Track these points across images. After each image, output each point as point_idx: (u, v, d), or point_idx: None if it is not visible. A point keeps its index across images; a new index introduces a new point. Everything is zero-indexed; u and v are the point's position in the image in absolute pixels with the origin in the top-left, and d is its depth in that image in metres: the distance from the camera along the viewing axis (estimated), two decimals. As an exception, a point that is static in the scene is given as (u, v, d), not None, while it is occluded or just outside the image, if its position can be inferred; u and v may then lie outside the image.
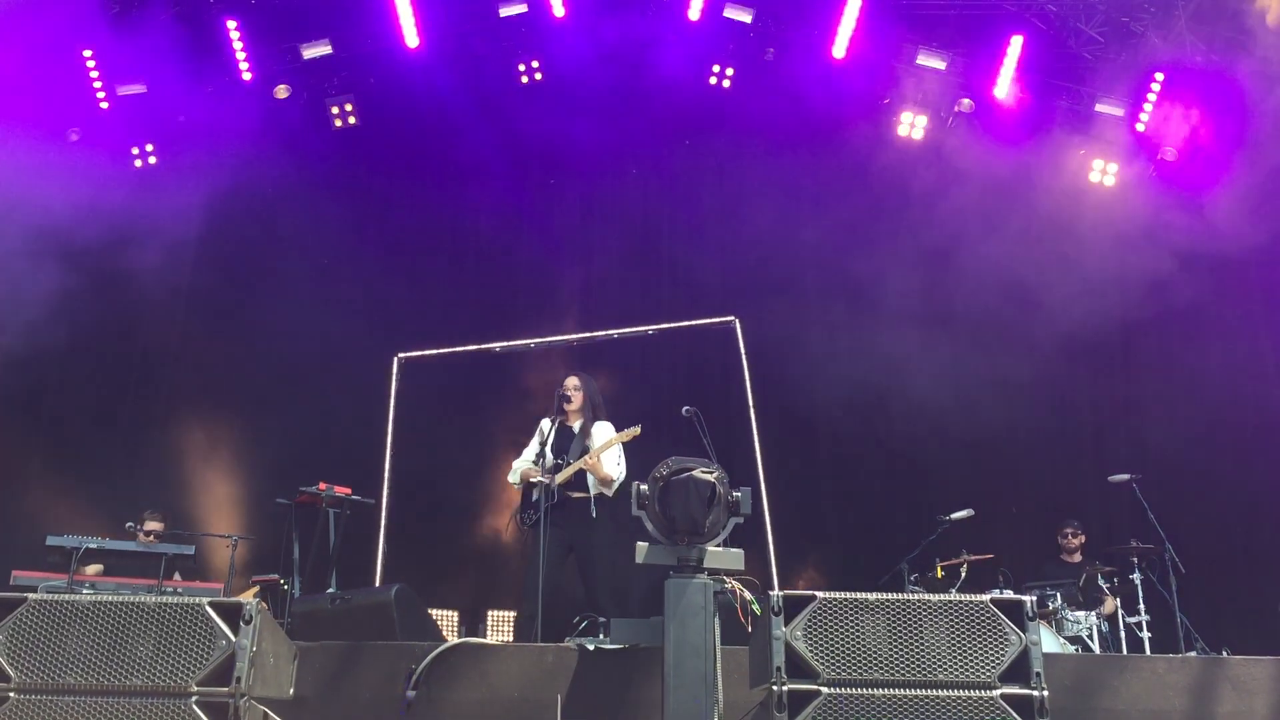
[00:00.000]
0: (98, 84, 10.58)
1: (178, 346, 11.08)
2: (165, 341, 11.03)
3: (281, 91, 10.96)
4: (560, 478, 7.22)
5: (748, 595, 4.39)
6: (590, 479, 7.34)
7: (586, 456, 7.28)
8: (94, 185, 10.21)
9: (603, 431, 7.58)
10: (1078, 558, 9.48)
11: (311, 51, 10.93)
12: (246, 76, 10.77)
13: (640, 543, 4.68)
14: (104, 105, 10.68)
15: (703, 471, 4.65)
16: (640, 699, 4.84)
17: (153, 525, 8.74)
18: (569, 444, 7.52)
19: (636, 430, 7.37)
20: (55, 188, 9.97)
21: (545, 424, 7.55)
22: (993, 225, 11.15)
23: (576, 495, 7.30)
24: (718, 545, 4.67)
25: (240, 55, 10.67)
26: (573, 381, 7.70)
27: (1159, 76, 10.94)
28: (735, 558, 4.72)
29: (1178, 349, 10.90)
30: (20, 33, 9.83)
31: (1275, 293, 10.52)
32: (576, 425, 7.64)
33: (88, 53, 10.44)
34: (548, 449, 7.35)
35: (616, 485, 7.41)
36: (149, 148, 11.03)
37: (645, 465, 7.74)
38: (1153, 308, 11.06)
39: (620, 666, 4.91)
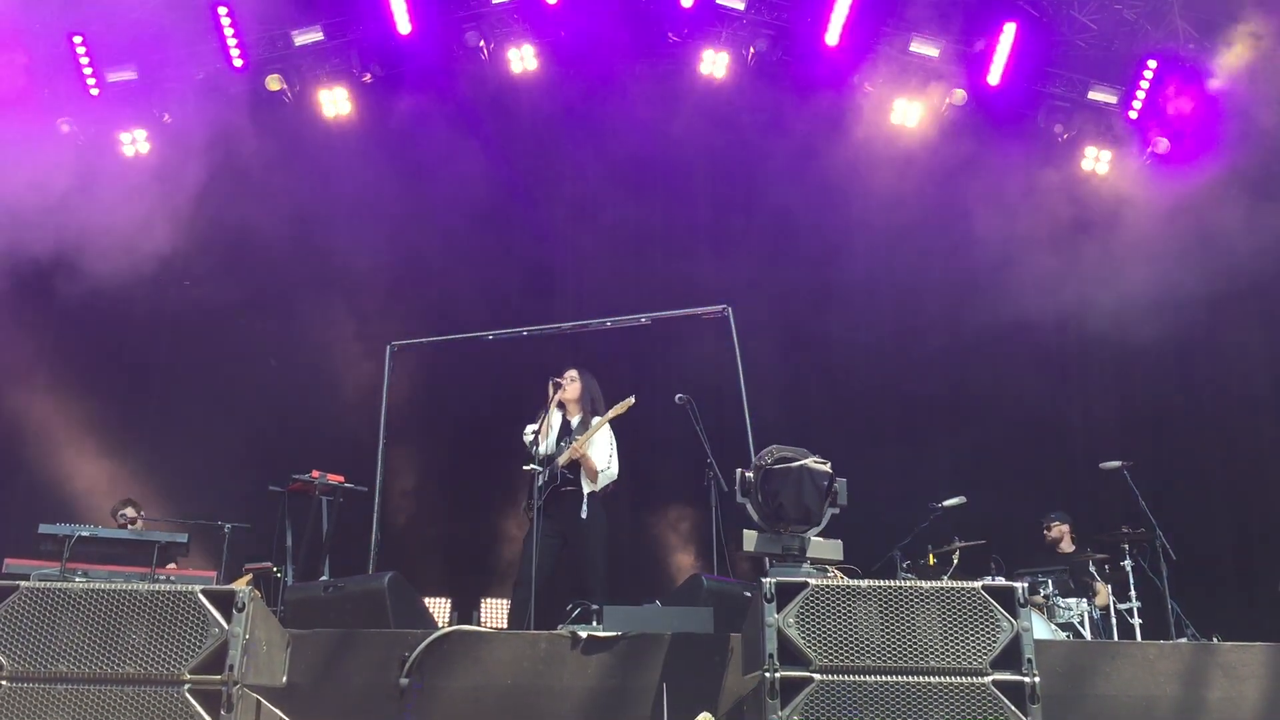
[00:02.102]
0: (88, 70, 10.52)
1: (169, 333, 11.05)
2: (157, 329, 11.01)
3: (273, 83, 10.90)
4: (561, 460, 7.28)
5: None
6: (583, 475, 7.37)
7: (574, 444, 7.32)
8: (84, 172, 10.18)
9: (599, 426, 7.61)
10: (1066, 546, 9.52)
11: (303, 38, 10.89)
12: (238, 63, 10.71)
13: (747, 531, 4.67)
14: (94, 92, 10.63)
15: (816, 461, 4.64)
16: (633, 686, 4.84)
17: (130, 512, 8.77)
18: (567, 436, 7.56)
19: (630, 400, 7.39)
20: (44, 174, 9.94)
21: (553, 418, 7.60)
22: (987, 214, 11.15)
23: (568, 489, 7.34)
24: (818, 535, 4.67)
25: (231, 41, 10.60)
26: (571, 373, 7.73)
27: (1152, 64, 10.93)
28: (835, 548, 4.73)
29: (1169, 336, 10.92)
30: (9, 18, 9.78)
31: (1266, 280, 10.53)
32: (576, 420, 7.67)
33: (78, 39, 10.38)
34: (550, 442, 7.40)
35: (605, 480, 7.43)
36: (141, 134, 10.98)
37: (639, 450, 7.82)
38: (1144, 295, 11.07)
39: (613, 653, 4.91)
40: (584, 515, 7.31)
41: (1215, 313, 10.71)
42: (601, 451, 7.46)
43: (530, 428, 7.70)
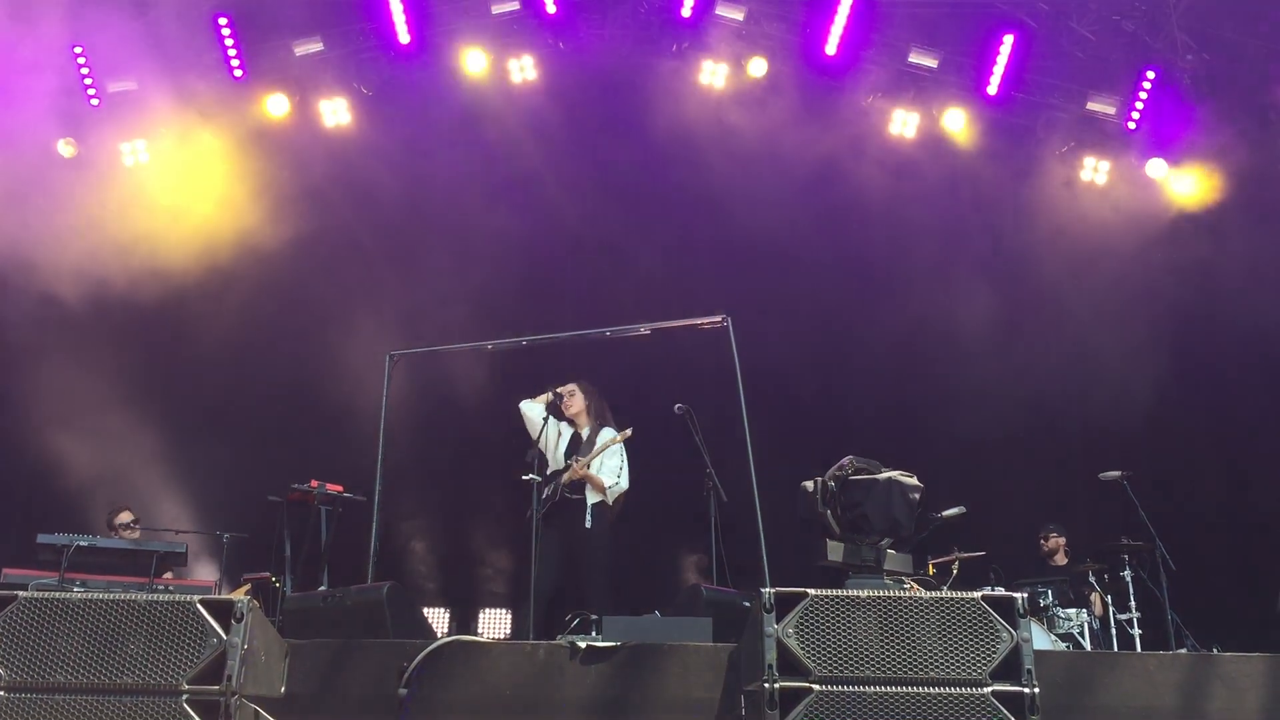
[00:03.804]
0: (88, 80, 10.54)
1: (168, 344, 11.04)
2: (156, 339, 10.99)
3: (275, 107, 10.92)
4: (565, 478, 7.29)
5: None
6: (588, 487, 7.37)
7: (575, 465, 7.32)
8: (82, 183, 10.18)
9: (603, 438, 7.61)
10: (1060, 559, 9.53)
11: (303, 49, 10.90)
12: (238, 74, 10.72)
13: (831, 541, 4.65)
14: (95, 103, 10.64)
15: (903, 474, 4.62)
16: (632, 696, 4.83)
17: (126, 516, 8.79)
18: (577, 448, 7.55)
19: (627, 433, 7.41)
20: (44, 186, 9.94)
21: (562, 426, 7.60)
22: (986, 225, 11.17)
23: (574, 497, 7.33)
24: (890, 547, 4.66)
25: (231, 52, 10.62)
26: (568, 387, 7.72)
27: (1150, 75, 10.95)
28: (906, 560, 4.71)
29: (1168, 346, 10.93)
30: (9, 29, 9.79)
31: (1266, 292, 10.53)
32: (585, 431, 7.67)
33: (78, 49, 10.39)
34: (559, 452, 7.40)
35: (616, 492, 7.43)
36: (141, 144, 10.98)
37: (638, 460, 7.79)
38: (1141, 304, 11.09)
39: (612, 664, 4.90)
40: (588, 525, 7.31)
41: (1215, 322, 10.71)
42: (611, 466, 7.46)
43: (526, 408, 7.66)
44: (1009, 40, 10.80)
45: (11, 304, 10.00)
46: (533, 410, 7.65)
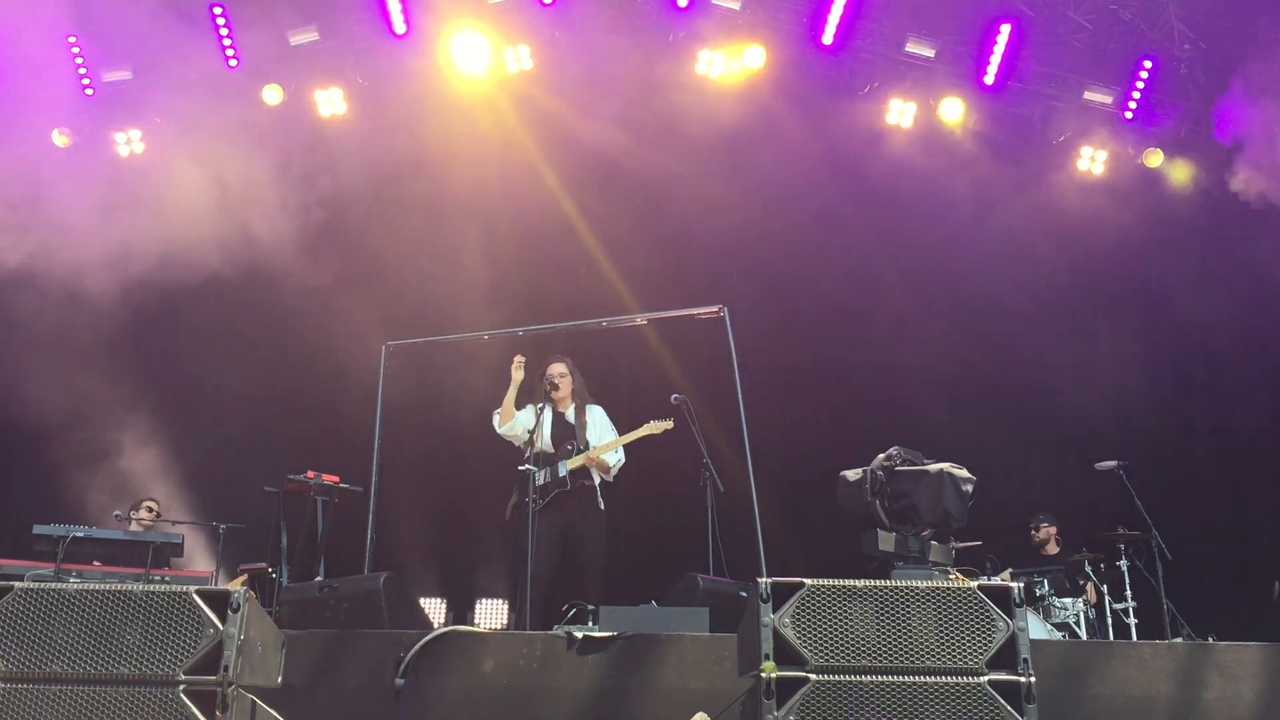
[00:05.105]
0: (82, 70, 10.50)
1: (164, 334, 11.02)
2: (151, 329, 10.98)
3: (272, 96, 10.89)
4: (572, 464, 7.27)
5: None
6: (594, 470, 7.38)
7: (590, 453, 7.31)
8: (79, 173, 10.15)
9: (597, 417, 7.58)
10: (1051, 549, 9.55)
11: (299, 38, 10.87)
12: (233, 64, 10.68)
13: (882, 532, 4.65)
14: (89, 92, 10.61)
15: (955, 466, 4.63)
16: (629, 686, 4.84)
17: (145, 514, 8.79)
18: (568, 432, 7.50)
19: (668, 424, 7.39)
20: (38, 176, 9.92)
21: (534, 410, 7.51)
22: (983, 214, 11.16)
23: (585, 483, 7.33)
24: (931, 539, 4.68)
25: (226, 41, 10.58)
26: (558, 368, 7.64)
27: (1148, 64, 10.94)
28: (946, 552, 4.73)
29: (1165, 334, 10.94)
30: (2, 18, 9.76)
31: (1260, 280, 10.54)
32: (569, 411, 7.62)
33: (72, 39, 10.36)
34: (544, 438, 7.35)
35: (617, 468, 7.46)
36: (135, 134, 10.96)
37: (634, 450, 7.79)
38: (1137, 293, 11.09)
39: (609, 654, 4.91)
40: (600, 505, 7.34)
41: (1211, 312, 10.72)
42: (608, 441, 7.49)
43: (499, 420, 7.60)
44: (1006, 29, 10.76)
45: (5, 296, 9.97)
46: (510, 429, 7.57)
